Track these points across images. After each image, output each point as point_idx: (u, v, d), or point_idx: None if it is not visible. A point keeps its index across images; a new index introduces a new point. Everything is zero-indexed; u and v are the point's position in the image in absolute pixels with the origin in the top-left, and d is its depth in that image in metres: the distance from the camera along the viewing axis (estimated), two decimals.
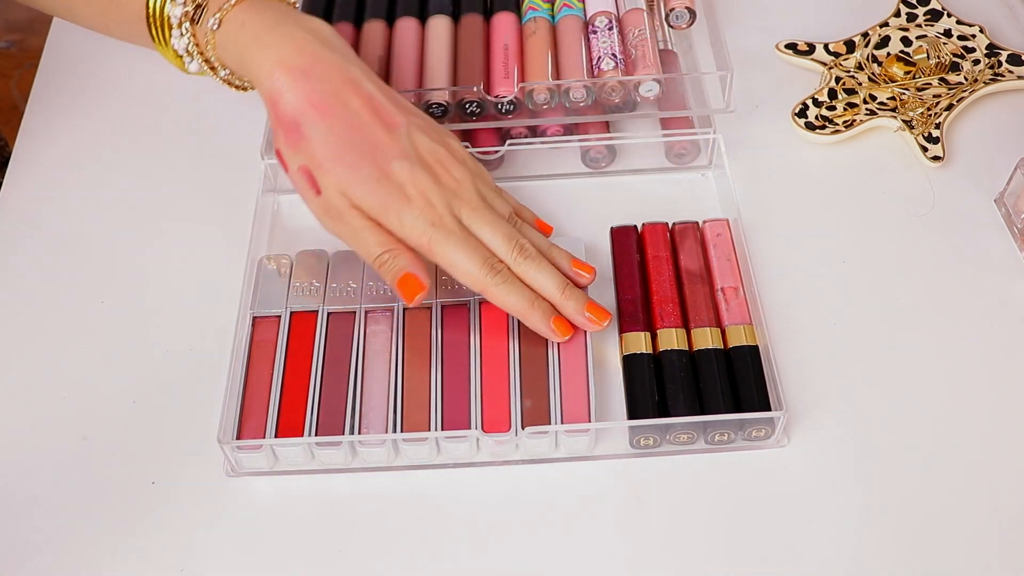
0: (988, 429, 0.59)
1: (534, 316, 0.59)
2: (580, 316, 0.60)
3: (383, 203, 0.58)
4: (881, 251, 0.67)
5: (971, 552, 0.55)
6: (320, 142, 0.58)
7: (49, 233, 0.70)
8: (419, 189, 0.58)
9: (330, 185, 0.58)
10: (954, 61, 0.74)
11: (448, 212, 0.59)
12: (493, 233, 0.60)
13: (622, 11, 0.73)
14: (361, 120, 0.59)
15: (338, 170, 0.58)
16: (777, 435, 0.58)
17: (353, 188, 0.58)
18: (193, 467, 0.59)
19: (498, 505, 0.57)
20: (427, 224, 0.58)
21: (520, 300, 0.59)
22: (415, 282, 0.59)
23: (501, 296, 0.59)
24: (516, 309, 0.59)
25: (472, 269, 0.58)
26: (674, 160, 0.72)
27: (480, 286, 0.59)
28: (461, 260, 0.58)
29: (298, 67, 0.58)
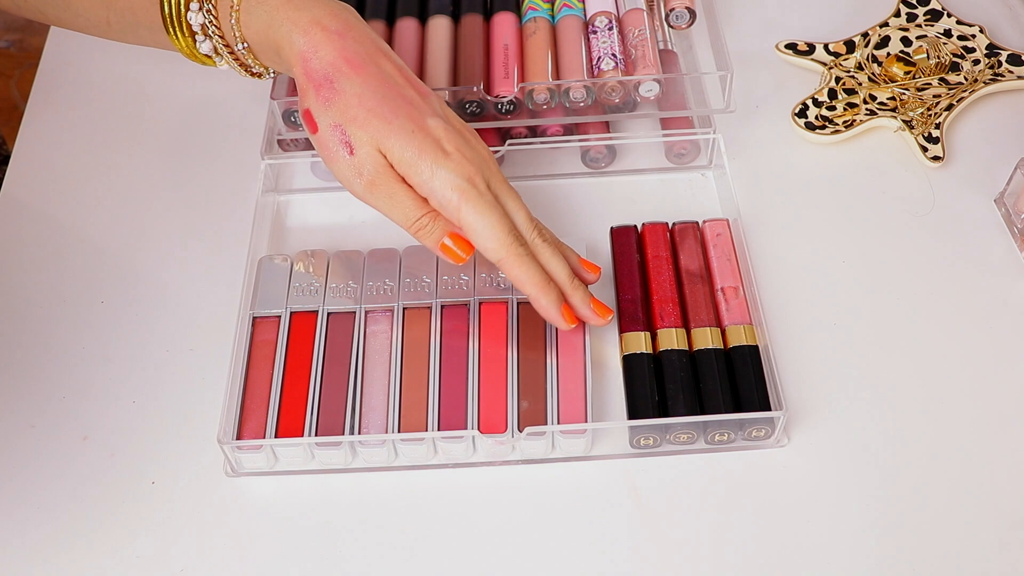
0: (988, 429, 0.59)
1: (547, 296, 0.59)
2: (585, 308, 0.60)
3: (418, 152, 0.57)
4: (881, 251, 0.67)
5: (971, 552, 0.55)
6: (355, 95, 0.57)
7: (49, 233, 0.70)
8: (455, 146, 0.57)
9: (364, 141, 0.57)
10: (954, 61, 0.74)
11: (480, 175, 0.58)
12: (518, 208, 0.59)
13: (622, 11, 0.73)
14: (395, 80, 0.58)
15: (373, 122, 0.57)
16: (777, 435, 0.58)
17: (388, 139, 0.57)
18: (193, 467, 0.59)
19: (497, 506, 0.57)
20: (463, 179, 0.57)
21: (538, 276, 0.58)
22: (462, 242, 0.58)
23: (521, 268, 0.58)
24: (532, 283, 0.58)
25: (500, 234, 0.57)
26: (674, 160, 0.72)
27: (502, 254, 0.58)
28: (490, 223, 0.57)
29: (333, 28, 0.58)
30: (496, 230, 0.57)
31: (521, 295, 0.62)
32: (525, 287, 0.59)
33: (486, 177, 0.58)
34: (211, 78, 0.78)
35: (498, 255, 0.58)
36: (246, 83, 0.77)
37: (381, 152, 0.57)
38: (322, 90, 0.57)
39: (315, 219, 0.70)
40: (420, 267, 0.64)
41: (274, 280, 0.64)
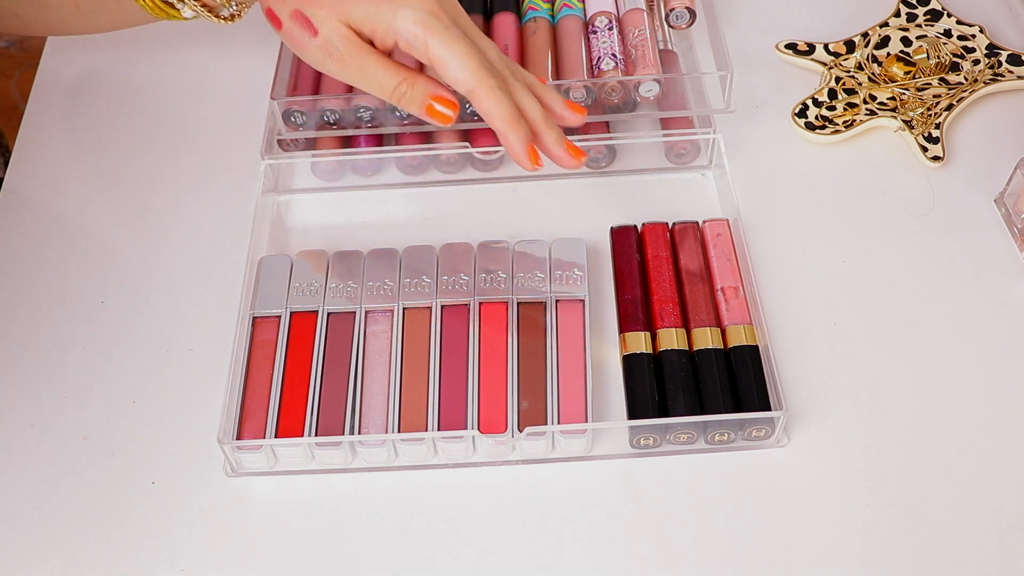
0: (988, 428, 0.59)
1: (516, 132, 0.56)
2: (558, 147, 0.58)
3: (375, 3, 0.54)
4: (881, 251, 0.67)
5: (971, 551, 0.55)
6: None
7: (49, 233, 0.70)
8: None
9: (324, 16, 0.55)
10: (954, 61, 0.74)
11: (444, 10, 0.55)
12: (488, 45, 0.57)
13: (622, 11, 0.73)
14: None
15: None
16: (777, 435, 0.58)
17: (345, 5, 0.55)
18: (193, 467, 0.59)
19: (497, 506, 0.57)
20: (426, 12, 0.54)
21: (508, 111, 0.55)
22: (446, 102, 0.56)
23: (491, 100, 0.55)
24: (501, 117, 0.55)
25: (470, 64, 0.54)
26: (674, 160, 0.72)
27: (472, 84, 0.55)
28: (459, 53, 0.54)
29: None
30: (466, 59, 0.54)
31: (521, 296, 0.62)
32: (494, 121, 0.56)
33: (452, 14, 0.56)
34: (211, 79, 0.78)
35: (468, 86, 0.55)
36: (246, 83, 0.77)
37: (344, 23, 0.55)
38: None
39: (315, 219, 0.70)
40: (420, 267, 0.64)
41: (274, 280, 0.64)
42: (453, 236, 0.67)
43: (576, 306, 0.62)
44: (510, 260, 0.64)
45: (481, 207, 0.70)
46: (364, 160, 0.71)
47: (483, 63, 0.55)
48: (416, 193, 0.72)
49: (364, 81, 0.56)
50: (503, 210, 0.70)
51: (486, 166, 0.71)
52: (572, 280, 0.63)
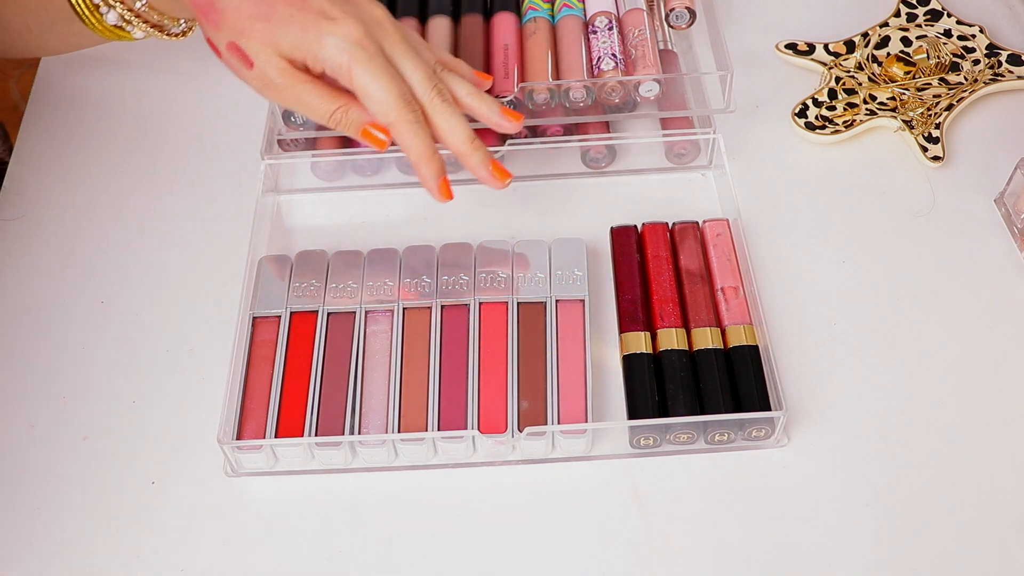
0: (988, 428, 0.59)
1: (428, 167, 0.58)
2: (483, 169, 0.59)
3: (303, 30, 0.56)
4: (881, 251, 0.67)
5: (971, 551, 0.55)
6: (235, 11, 0.56)
7: (49, 233, 0.70)
8: (341, 11, 0.56)
9: (257, 48, 0.56)
10: (954, 61, 0.74)
11: (371, 37, 0.56)
12: (415, 68, 0.58)
13: (622, 11, 0.73)
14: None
15: (257, 26, 0.56)
16: (777, 435, 0.58)
17: (275, 34, 0.56)
18: (193, 467, 0.59)
19: (497, 506, 0.57)
20: (351, 42, 0.55)
21: (424, 145, 0.57)
22: (380, 128, 0.57)
23: (407, 135, 0.57)
24: (416, 152, 0.57)
25: (389, 99, 0.56)
26: (674, 160, 0.72)
27: (391, 118, 0.56)
28: (380, 87, 0.56)
29: None
30: (385, 93, 0.56)
31: (521, 296, 0.62)
32: (409, 154, 0.57)
33: (378, 39, 0.57)
34: (211, 78, 0.78)
35: (387, 119, 0.56)
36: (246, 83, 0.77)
37: (277, 53, 0.56)
38: (209, 15, 0.57)
39: (315, 219, 0.70)
40: (420, 267, 0.64)
41: (274, 280, 0.64)
42: (453, 236, 0.67)
43: (576, 306, 0.62)
44: (510, 260, 0.64)
45: (481, 207, 0.70)
46: (364, 160, 0.71)
47: (402, 96, 0.56)
48: (416, 193, 0.72)
49: (301, 108, 0.58)
50: (503, 210, 0.70)
51: None
52: (572, 280, 0.63)
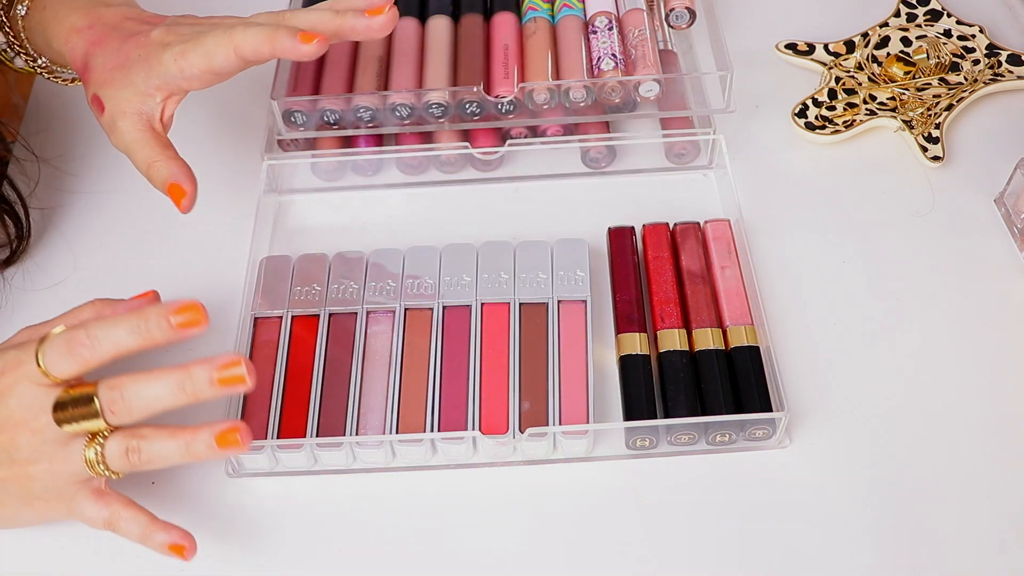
0: (989, 428, 0.59)
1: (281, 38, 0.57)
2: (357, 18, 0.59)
3: (147, 65, 0.59)
4: (881, 251, 0.67)
5: (971, 552, 0.55)
6: (100, 66, 0.61)
7: (49, 233, 0.70)
8: (177, 35, 0.60)
9: (111, 95, 0.60)
10: (954, 61, 0.74)
11: (194, 30, 0.60)
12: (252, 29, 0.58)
13: (622, 11, 0.73)
14: (129, 30, 0.62)
15: (115, 77, 0.60)
16: (779, 436, 0.58)
17: (127, 81, 0.60)
18: (193, 467, 0.59)
19: (499, 507, 0.57)
20: (179, 45, 0.59)
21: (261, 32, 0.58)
22: (176, 188, 0.60)
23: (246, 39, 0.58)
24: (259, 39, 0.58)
25: (218, 34, 0.58)
26: (674, 160, 0.72)
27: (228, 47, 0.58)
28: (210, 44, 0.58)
29: (83, 25, 0.62)
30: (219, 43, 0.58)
31: (523, 298, 0.62)
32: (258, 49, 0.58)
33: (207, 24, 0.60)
34: None
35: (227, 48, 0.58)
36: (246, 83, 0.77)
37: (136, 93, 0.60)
38: (84, 75, 0.62)
39: (316, 219, 0.70)
40: (422, 268, 0.64)
41: (276, 281, 0.64)
42: (454, 237, 0.67)
43: (578, 307, 0.62)
44: (512, 261, 0.64)
45: (481, 207, 0.70)
46: (364, 160, 0.71)
47: (225, 25, 0.59)
48: (416, 193, 0.72)
49: (129, 153, 0.61)
50: (504, 210, 0.70)
51: (486, 166, 0.71)
52: (574, 281, 0.63)
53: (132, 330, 0.51)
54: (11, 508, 0.54)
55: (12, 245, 0.67)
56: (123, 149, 0.61)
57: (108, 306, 0.58)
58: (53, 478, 0.52)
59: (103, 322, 0.51)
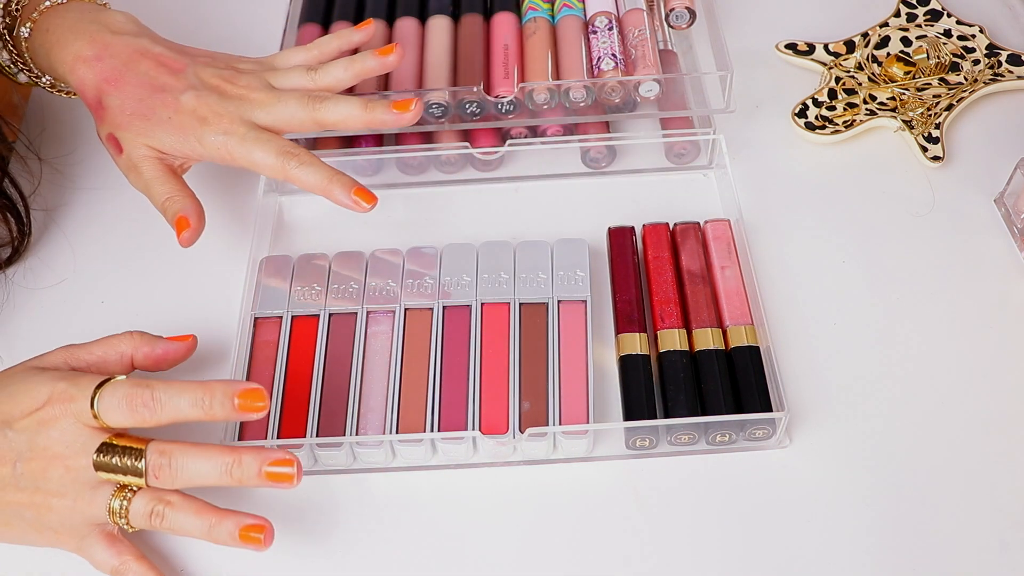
0: (989, 428, 0.59)
1: (336, 189, 0.61)
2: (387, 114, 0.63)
3: (182, 134, 0.61)
4: (881, 251, 0.67)
5: (971, 552, 0.55)
6: (117, 108, 0.62)
7: (49, 233, 0.70)
8: (210, 109, 0.61)
9: (130, 139, 0.62)
10: (954, 61, 0.74)
11: (239, 119, 0.62)
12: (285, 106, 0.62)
13: (622, 11, 0.73)
14: (149, 76, 0.62)
15: (135, 124, 0.62)
16: (779, 436, 0.58)
17: (151, 134, 0.62)
18: None
19: (499, 507, 0.57)
20: (222, 135, 0.61)
21: (320, 176, 0.61)
22: (184, 221, 0.61)
23: (302, 176, 0.61)
24: (318, 186, 0.61)
25: (270, 161, 0.61)
26: (674, 160, 0.72)
27: (282, 174, 0.61)
28: (259, 156, 0.61)
29: (90, 56, 0.63)
30: (267, 159, 0.61)
31: (523, 298, 0.62)
32: (315, 190, 0.62)
33: (248, 116, 0.62)
34: None
35: (281, 177, 0.61)
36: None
37: (151, 147, 0.62)
38: (98, 111, 0.63)
39: (316, 219, 0.70)
40: (422, 268, 0.64)
41: (276, 281, 0.64)
42: (454, 237, 0.67)
43: (578, 307, 0.62)
44: (512, 261, 0.64)
45: (482, 207, 0.70)
46: (364, 160, 0.71)
47: (282, 150, 0.61)
48: (416, 193, 0.72)
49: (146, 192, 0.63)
50: (504, 210, 0.70)
51: (486, 166, 0.72)
52: (574, 281, 0.63)
53: (195, 403, 0.52)
54: (19, 531, 0.54)
55: (14, 243, 0.67)
56: (142, 188, 0.63)
57: (147, 343, 0.58)
58: (72, 515, 0.53)
59: (168, 388, 0.52)
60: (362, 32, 0.67)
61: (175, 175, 0.63)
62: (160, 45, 0.64)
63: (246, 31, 0.81)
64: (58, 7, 0.66)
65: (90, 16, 0.65)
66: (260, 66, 0.65)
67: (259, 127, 0.62)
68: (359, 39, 0.67)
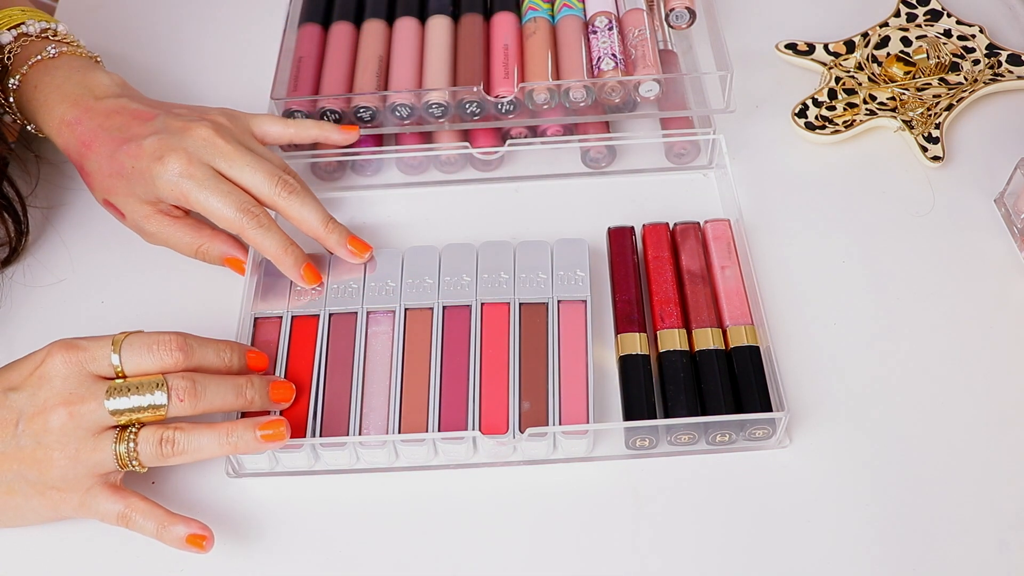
0: (989, 428, 0.59)
1: (287, 261, 0.62)
2: (342, 248, 0.63)
3: (142, 177, 0.61)
4: (881, 251, 0.67)
5: (971, 552, 0.55)
6: (97, 170, 0.63)
7: (49, 233, 0.70)
8: (169, 147, 0.61)
9: (123, 202, 0.63)
10: (954, 61, 0.74)
11: (200, 162, 0.61)
12: (254, 172, 0.62)
13: (622, 11, 0.73)
14: (120, 131, 0.63)
15: (116, 184, 0.62)
16: (779, 436, 0.58)
17: (131, 187, 0.62)
18: (193, 467, 0.59)
19: (499, 507, 0.57)
20: (179, 176, 0.60)
21: (275, 244, 0.62)
22: (235, 261, 0.64)
23: (258, 239, 0.61)
24: (271, 253, 0.62)
25: (228, 213, 0.61)
26: (674, 160, 0.72)
27: (237, 229, 0.61)
28: (216, 205, 0.60)
29: (71, 118, 0.64)
30: (225, 210, 0.61)
31: (523, 298, 0.62)
32: (266, 254, 0.62)
33: (207, 160, 0.61)
34: (210, 82, 0.78)
35: (234, 229, 0.61)
36: (246, 83, 0.77)
37: (143, 202, 0.63)
38: (85, 177, 0.64)
39: None
40: (422, 268, 0.64)
41: (276, 281, 0.64)
42: (454, 237, 0.67)
43: (578, 307, 0.62)
44: (512, 261, 0.64)
45: (482, 207, 0.70)
46: (364, 160, 0.71)
47: (240, 207, 0.61)
48: (416, 193, 0.72)
49: (171, 245, 0.64)
50: (504, 210, 0.70)
51: (486, 166, 0.72)
52: (574, 281, 0.63)
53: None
54: (21, 497, 0.54)
55: (12, 243, 0.67)
56: (161, 244, 0.64)
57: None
58: (75, 466, 0.53)
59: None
60: (344, 135, 0.67)
61: (189, 221, 0.64)
62: (139, 103, 0.65)
63: (246, 31, 0.81)
64: (48, 62, 0.66)
65: (77, 77, 0.65)
66: (234, 122, 0.65)
67: (220, 174, 0.61)
68: (337, 139, 0.68)
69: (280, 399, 0.58)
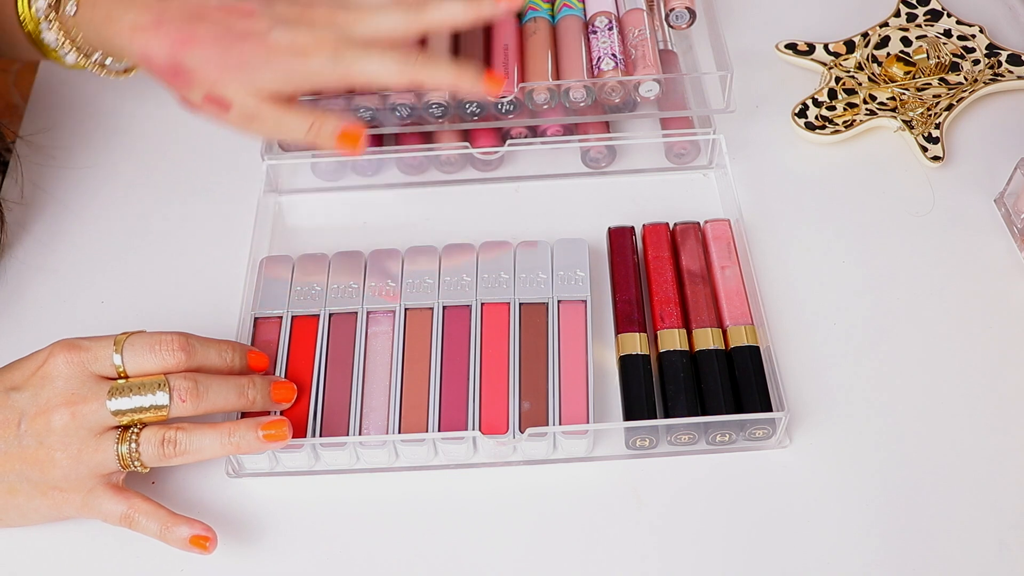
0: (989, 429, 0.59)
1: (467, 76, 0.61)
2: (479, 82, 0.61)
3: (288, 71, 0.59)
4: (881, 251, 0.67)
5: (971, 552, 0.55)
6: (202, 65, 0.60)
7: (49, 233, 0.70)
8: (304, 40, 0.59)
9: (235, 91, 0.60)
10: (954, 61, 0.74)
11: (341, 37, 0.60)
12: (391, 30, 0.61)
13: (622, 11, 0.73)
14: (223, 26, 0.60)
15: (233, 76, 0.60)
16: (779, 436, 0.58)
17: (255, 80, 0.60)
18: (194, 467, 0.59)
19: (499, 507, 0.57)
20: (330, 60, 0.59)
21: (446, 69, 0.61)
22: (352, 131, 0.61)
23: (433, 72, 0.60)
24: (448, 79, 0.61)
25: (392, 67, 0.60)
26: (674, 160, 0.72)
27: (408, 76, 0.60)
28: (376, 65, 0.59)
29: (149, 23, 0.61)
30: (387, 65, 0.59)
31: (523, 298, 0.62)
32: (442, 84, 0.61)
33: (348, 34, 0.60)
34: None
35: (406, 79, 0.60)
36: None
37: (260, 90, 0.60)
38: (177, 78, 0.61)
39: (316, 219, 0.70)
40: (422, 268, 0.64)
41: (276, 281, 0.64)
42: (454, 236, 0.67)
43: (578, 307, 0.62)
44: (512, 261, 0.64)
45: (482, 207, 0.70)
46: (364, 160, 0.71)
47: (398, 58, 0.60)
48: (416, 193, 0.72)
49: (280, 131, 0.62)
50: (504, 210, 0.70)
51: (486, 166, 0.72)
52: (574, 281, 0.63)
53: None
54: (24, 497, 0.54)
55: None
56: (270, 132, 0.62)
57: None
58: (77, 466, 0.53)
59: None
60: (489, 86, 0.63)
61: (293, 103, 0.62)
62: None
63: None
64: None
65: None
66: None
67: (360, 44, 0.60)
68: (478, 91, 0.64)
69: (282, 399, 0.58)
